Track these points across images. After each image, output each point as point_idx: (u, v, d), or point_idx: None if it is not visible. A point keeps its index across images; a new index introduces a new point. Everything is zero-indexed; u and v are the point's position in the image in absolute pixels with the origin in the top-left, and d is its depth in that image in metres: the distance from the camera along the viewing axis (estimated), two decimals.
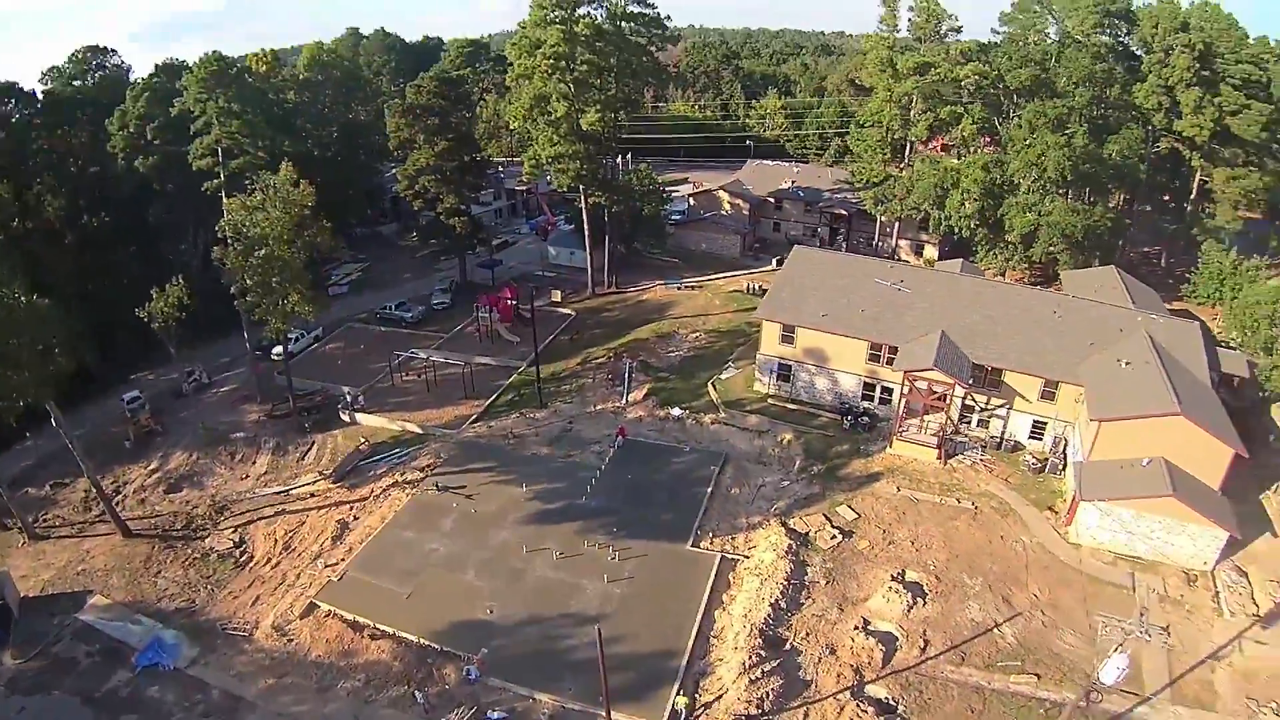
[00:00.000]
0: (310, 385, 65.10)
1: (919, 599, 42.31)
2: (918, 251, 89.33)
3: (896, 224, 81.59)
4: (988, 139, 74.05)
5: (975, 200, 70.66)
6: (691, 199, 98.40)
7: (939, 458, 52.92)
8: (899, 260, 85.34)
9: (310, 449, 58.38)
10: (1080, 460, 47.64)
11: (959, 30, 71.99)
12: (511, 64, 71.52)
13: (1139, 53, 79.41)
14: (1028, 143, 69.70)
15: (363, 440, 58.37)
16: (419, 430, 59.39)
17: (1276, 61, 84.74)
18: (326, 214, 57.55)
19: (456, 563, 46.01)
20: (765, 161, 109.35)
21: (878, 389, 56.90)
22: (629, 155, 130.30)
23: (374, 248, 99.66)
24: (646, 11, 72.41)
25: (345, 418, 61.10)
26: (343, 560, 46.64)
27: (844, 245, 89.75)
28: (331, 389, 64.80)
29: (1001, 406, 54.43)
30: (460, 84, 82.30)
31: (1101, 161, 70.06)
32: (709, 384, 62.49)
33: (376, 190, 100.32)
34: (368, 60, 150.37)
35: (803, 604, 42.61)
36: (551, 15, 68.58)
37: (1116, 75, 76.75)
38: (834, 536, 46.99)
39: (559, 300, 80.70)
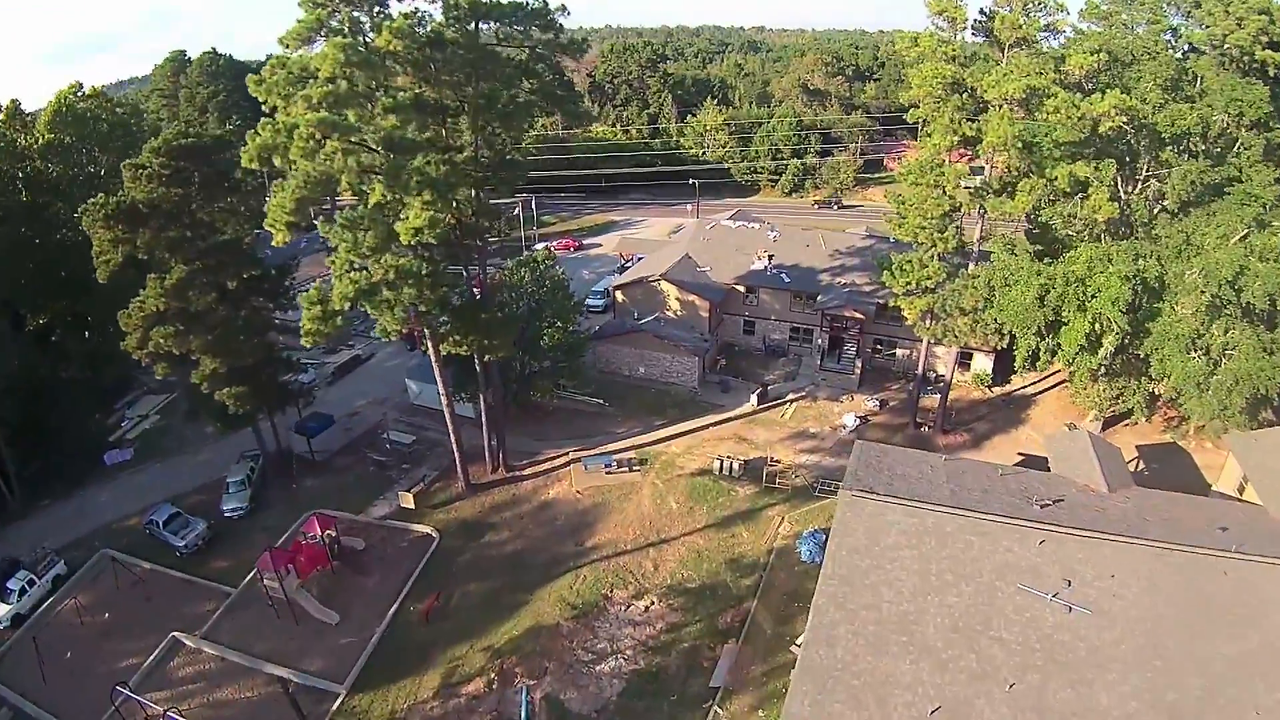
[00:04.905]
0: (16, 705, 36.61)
1: None
2: (963, 364, 59.62)
3: (955, 348, 51.39)
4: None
5: (1117, 333, 40.78)
6: (618, 293, 65.92)
7: None
8: (941, 383, 55.14)
9: None
10: None
11: (1062, 29, 41.30)
12: (266, 116, 35.21)
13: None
14: (1196, 242, 40.43)
15: None
16: None
17: None
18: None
19: None
20: (724, 220, 76.99)
21: None
22: (530, 200, 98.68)
23: (188, 367, 66.27)
24: (523, 1, 39.07)
25: None
26: None
27: (858, 365, 59.31)
28: None
29: None
30: (227, 146, 48.00)
31: None
32: None
33: None
34: (190, 92, 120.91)
35: None
36: (329, 14, 34.43)
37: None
38: None
39: (412, 505, 48.42)
